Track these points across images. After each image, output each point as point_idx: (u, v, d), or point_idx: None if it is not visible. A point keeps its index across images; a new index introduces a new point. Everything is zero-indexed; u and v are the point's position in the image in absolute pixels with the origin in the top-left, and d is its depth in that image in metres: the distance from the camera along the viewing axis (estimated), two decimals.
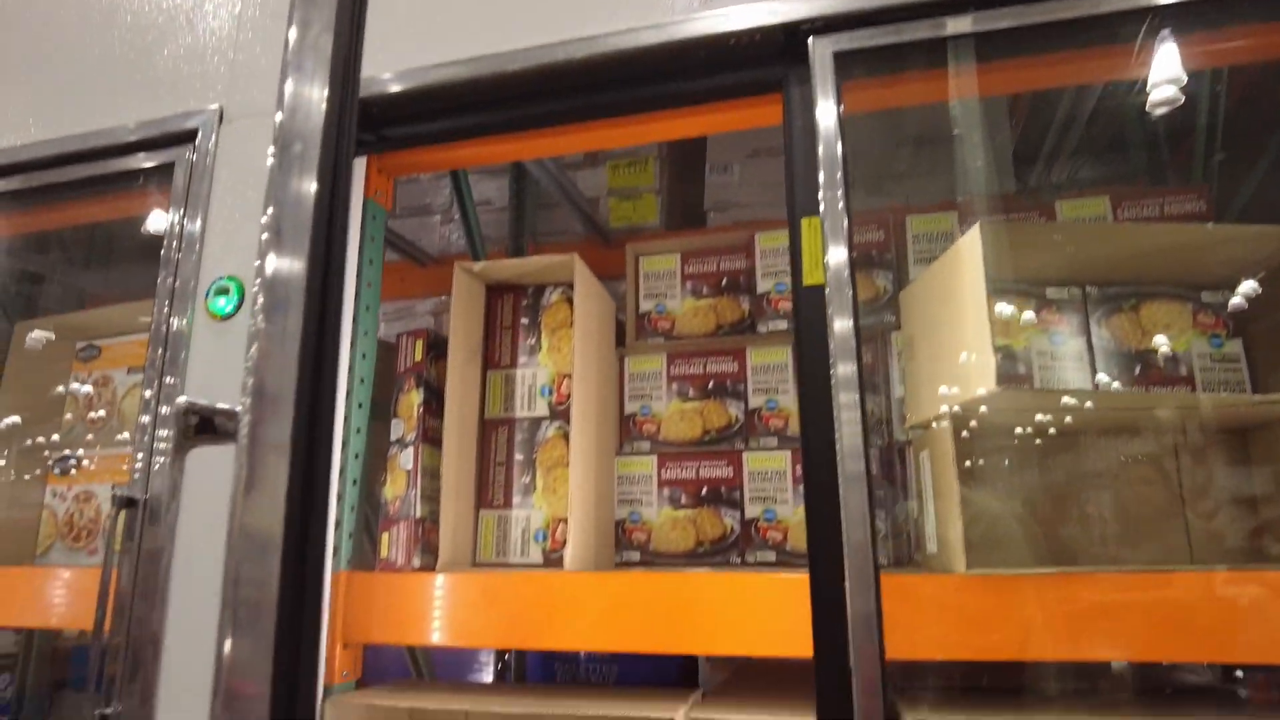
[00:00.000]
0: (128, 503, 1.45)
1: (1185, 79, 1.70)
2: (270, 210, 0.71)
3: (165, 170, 1.66)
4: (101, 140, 1.67)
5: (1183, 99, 1.90)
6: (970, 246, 1.36)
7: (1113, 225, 1.68)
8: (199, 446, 0.80)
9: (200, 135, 1.57)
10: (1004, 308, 1.55)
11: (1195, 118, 2.05)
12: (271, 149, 0.72)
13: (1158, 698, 1.69)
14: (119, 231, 2.72)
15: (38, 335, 2.34)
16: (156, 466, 1.49)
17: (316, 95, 0.73)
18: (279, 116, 0.72)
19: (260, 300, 0.70)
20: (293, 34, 0.75)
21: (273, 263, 0.71)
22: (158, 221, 1.66)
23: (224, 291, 1.45)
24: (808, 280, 1.18)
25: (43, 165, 1.76)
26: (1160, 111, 2.01)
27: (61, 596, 1.81)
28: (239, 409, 0.70)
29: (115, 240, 2.84)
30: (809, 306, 1.19)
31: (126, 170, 1.69)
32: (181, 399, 0.77)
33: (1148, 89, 1.95)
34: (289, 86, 0.74)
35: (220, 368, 1.41)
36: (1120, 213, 1.77)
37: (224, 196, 1.51)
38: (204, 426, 0.77)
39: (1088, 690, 1.69)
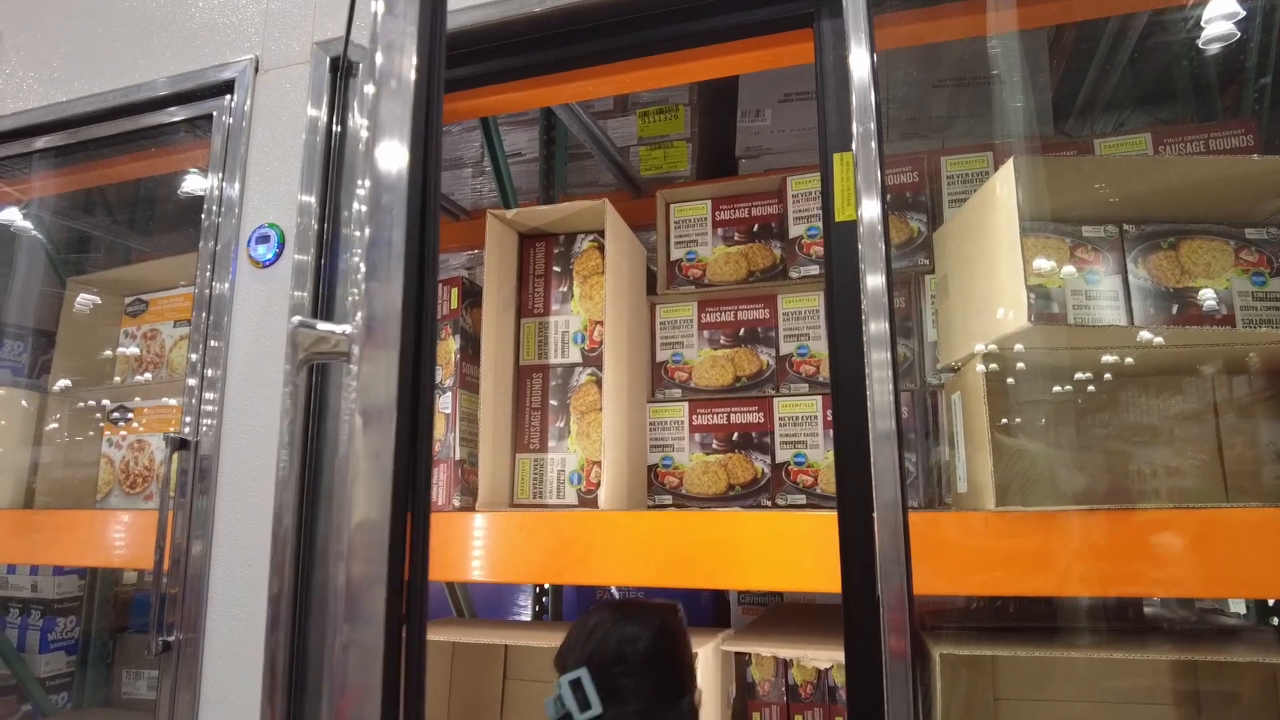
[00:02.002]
0: (180, 444, 1.52)
1: (1242, 12, 1.64)
2: (374, 139, 0.75)
3: (204, 122, 1.69)
4: (140, 94, 1.70)
5: (1238, 35, 1.83)
6: (1003, 182, 1.34)
7: (1151, 159, 1.64)
8: (314, 361, 0.85)
9: (237, 86, 1.59)
10: (1038, 245, 1.53)
11: (1245, 52, 1.97)
12: (369, 84, 0.76)
13: (1189, 635, 1.69)
14: (161, 187, 2.78)
15: (86, 299, 2.41)
16: (205, 427, 1.54)
17: (409, 31, 0.77)
18: (378, 57, 0.76)
19: (365, 217, 0.74)
20: None
21: (378, 188, 0.75)
22: (197, 176, 1.70)
23: (265, 239, 1.48)
24: (839, 216, 1.18)
25: (84, 120, 1.80)
26: (1213, 49, 1.95)
27: (121, 538, 1.90)
28: (349, 330, 0.75)
29: (158, 196, 2.91)
30: (841, 243, 1.19)
31: (165, 124, 1.72)
32: (295, 319, 0.82)
33: (1202, 23, 1.88)
34: (382, 25, 0.77)
35: (265, 314, 1.45)
36: (1162, 150, 1.73)
37: (262, 145, 1.54)
38: (318, 343, 0.81)
39: (1117, 629, 1.70)
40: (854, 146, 1.18)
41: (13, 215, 2.90)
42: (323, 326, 0.80)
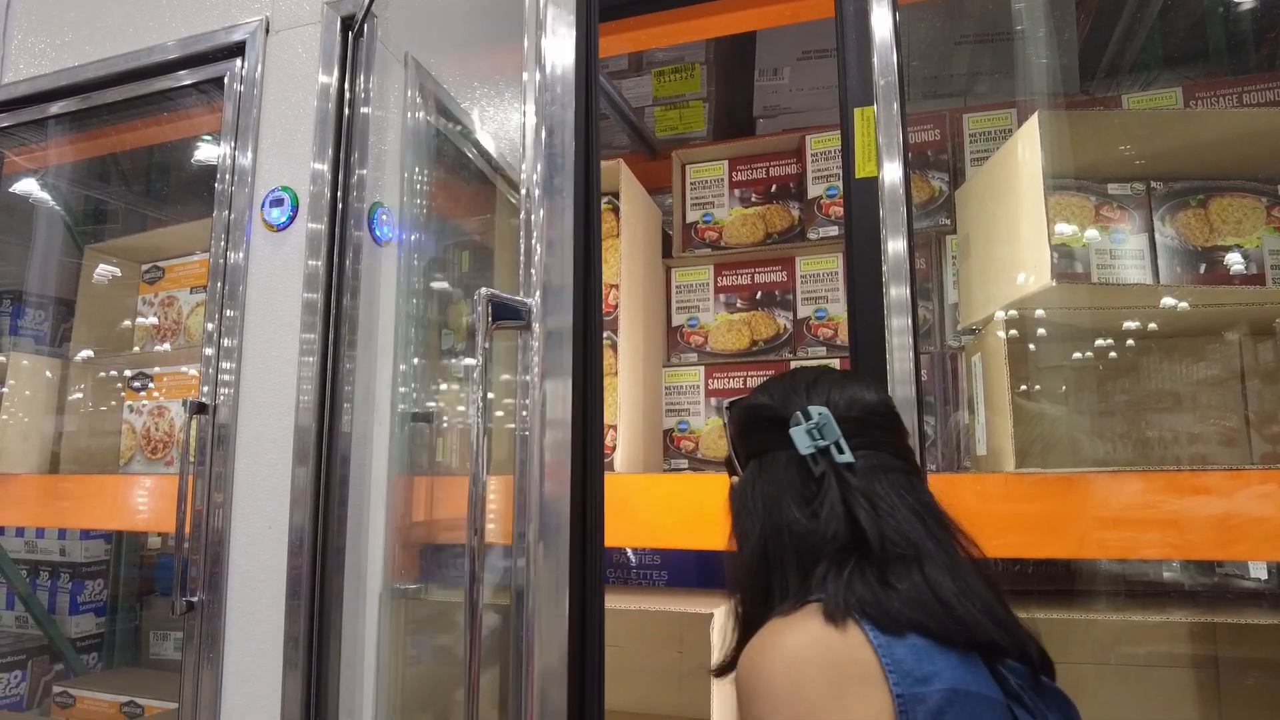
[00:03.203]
0: (199, 408, 1.53)
1: None
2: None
3: (215, 87, 1.68)
4: (151, 58, 1.69)
5: None
6: (1028, 138, 1.31)
7: (1181, 111, 1.60)
8: (499, 330, 0.93)
9: (248, 49, 1.57)
10: (1062, 204, 1.50)
11: None
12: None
13: (1209, 599, 1.68)
14: (175, 154, 2.78)
15: (105, 269, 2.42)
16: (222, 396, 1.54)
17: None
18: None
19: (538, 177, 0.82)
20: None
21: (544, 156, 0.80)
22: (210, 143, 1.68)
23: (279, 203, 1.48)
24: (860, 173, 1.15)
25: (96, 85, 1.79)
26: (1248, 1, 1.88)
27: (144, 502, 1.93)
28: (531, 301, 0.83)
29: (171, 163, 2.91)
30: (861, 200, 1.16)
31: (177, 88, 1.71)
32: (484, 290, 0.90)
33: None
34: None
35: (280, 278, 1.45)
36: (1194, 106, 1.68)
37: (274, 109, 1.53)
38: (502, 313, 0.88)
39: (1136, 593, 1.70)
40: (875, 100, 1.15)
41: (30, 184, 2.91)
42: (510, 297, 0.88)
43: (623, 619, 1.92)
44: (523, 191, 0.92)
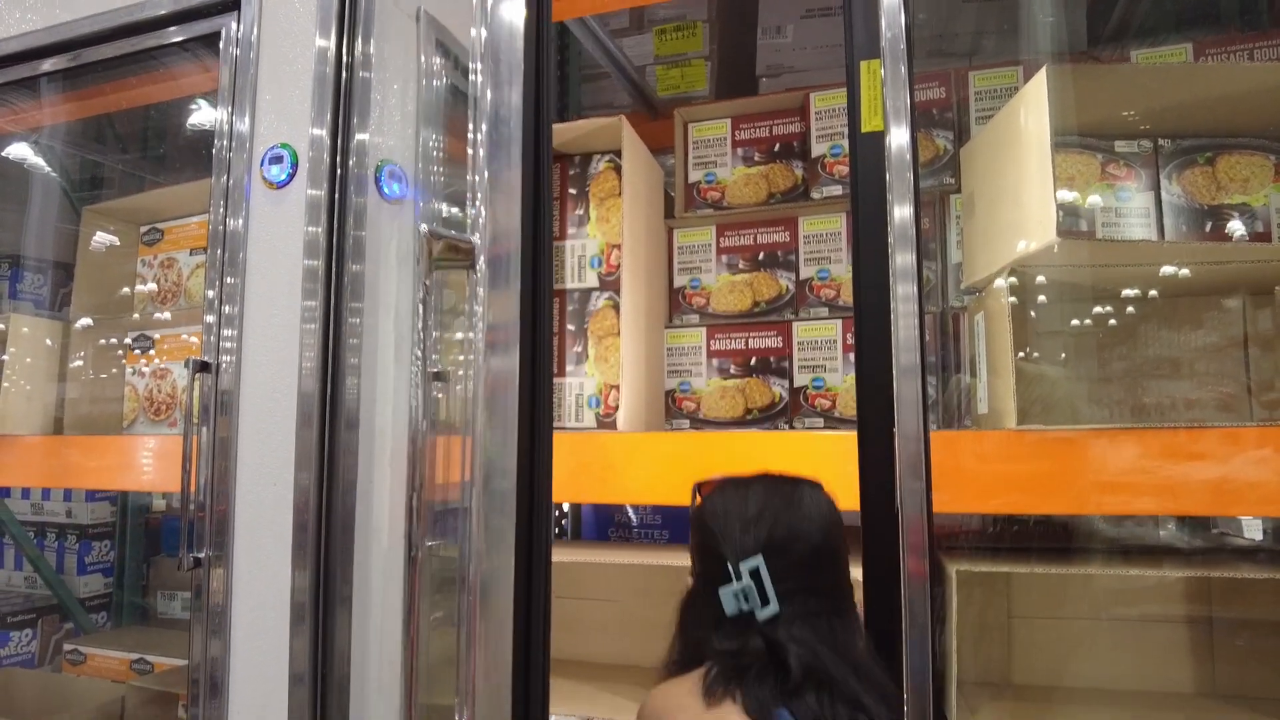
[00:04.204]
0: (202, 366, 1.53)
1: None
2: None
3: (212, 44, 1.65)
4: (145, 12, 1.66)
5: None
6: (1035, 92, 1.29)
7: (1190, 66, 1.57)
8: (440, 270, 0.93)
9: (244, 1, 1.54)
10: (1068, 161, 1.49)
11: None
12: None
13: (1201, 554, 1.70)
14: (172, 115, 2.75)
15: (103, 236, 2.40)
16: (224, 357, 1.54)
17: None
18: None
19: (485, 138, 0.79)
20: None
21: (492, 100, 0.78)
22: (207, 106, 1.66)
23: (278, 160, 1.46)
24: (866, 127, 1.14)
25: (90, 41, 1.76)
26: None
27: (149, 462, 1.94)
28: (475, 239, 0.81)
29: (168, 126, 2.88)
30: (867, 155, 1.15)
31: (173, 43, 1.68)
32: (424, 227, 0.90)
33: None
34: None
35: (279, 234, 1.44)
36: (1203, 62, 1.66)
37: (272, 62, 1.50)
38: (445, 251, 0.86)
39: (1132, 551, 1.71)
40: (882, 52, 1.13)
41: (25, 148, 2.89)
42: (453, 234, 0.85)
43: (624, 574, 1.95)
44: (470, 109, 0.90)
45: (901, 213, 1.15)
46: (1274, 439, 1.20)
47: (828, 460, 1.38)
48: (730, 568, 1.00)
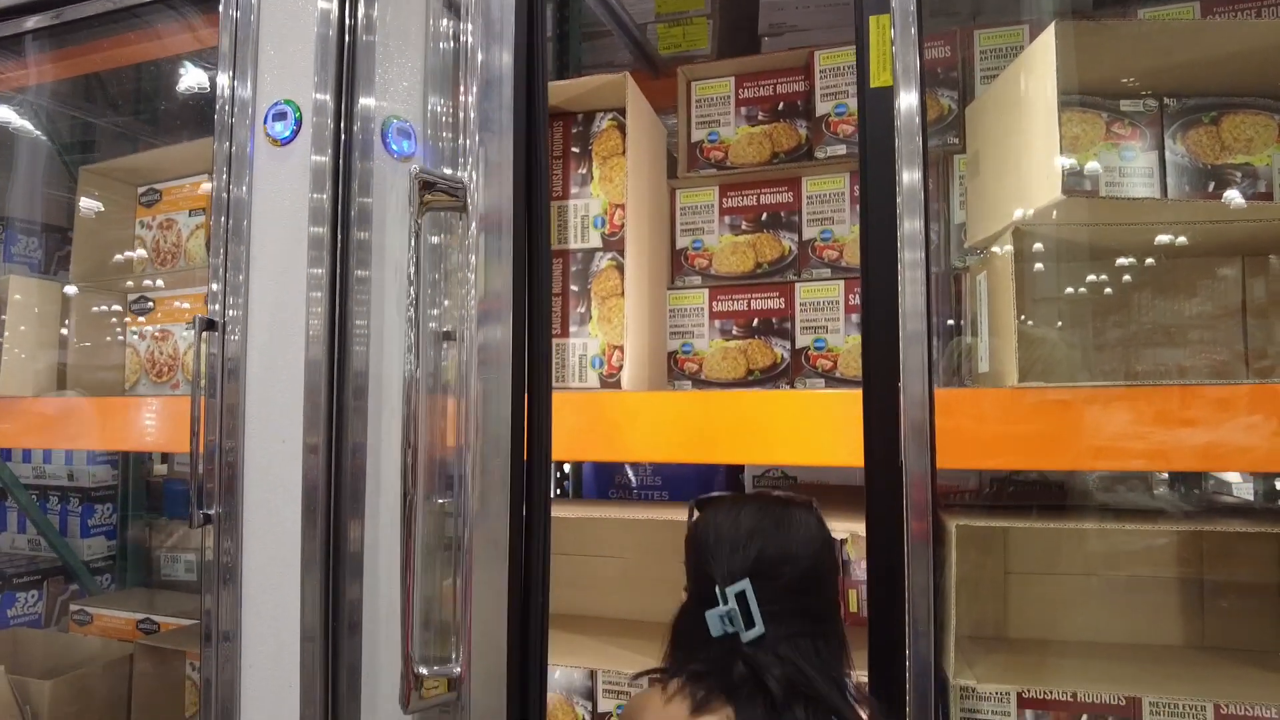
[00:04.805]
0: (208, 324, 1.53)
1: None
2: None
3: (209, 4, 1.62)
4: None
5: None
6: (1042, 49, 1.29)
7: (1196, 22, 1.57)
8: (431, 211, 0.92)
9: None
10: (1073, 120, 1.49)
11: None
12: None
13: (1193, 512, 1.73)
14: (162, 72, 2.71)
15: (99, 199, 2.37)
16: (231, 323, 1.54)
17: None
18: None
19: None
20: None
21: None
22: (194, 56, 1.64)
23: (282, 116, 1.45)
24: (875, 82, 1.14)
25: None
26: None
27: (153, 422, 1.95)
28: (466, 178, 0.79)
29: (160, 83, 2.83)
30: (876, 111, 1.15)
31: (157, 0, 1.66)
32: (414, 167, 0.88)
33: None
34: None
35: (284, 191, 1.43)
36: (1211, 19, 1.65)
37: (273, 24, 1.48)
38: (434, 190, 0.85)
39: (1126, 510, 1.74)
40: (892, 8, 1.13)
41: (11, 109, 2.85)
42: (442, 175, 0.84)
43: (627, 531, 1.98)
44: (460, 69, 0.88)
45: (910, 177, 1.15)
46: (1267, 395, 1.22)
47: (829, 418, 1.39)
48: (718, 592, 1.04)
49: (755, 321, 1.88)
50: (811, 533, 1.08)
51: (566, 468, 2.49)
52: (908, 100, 1.14)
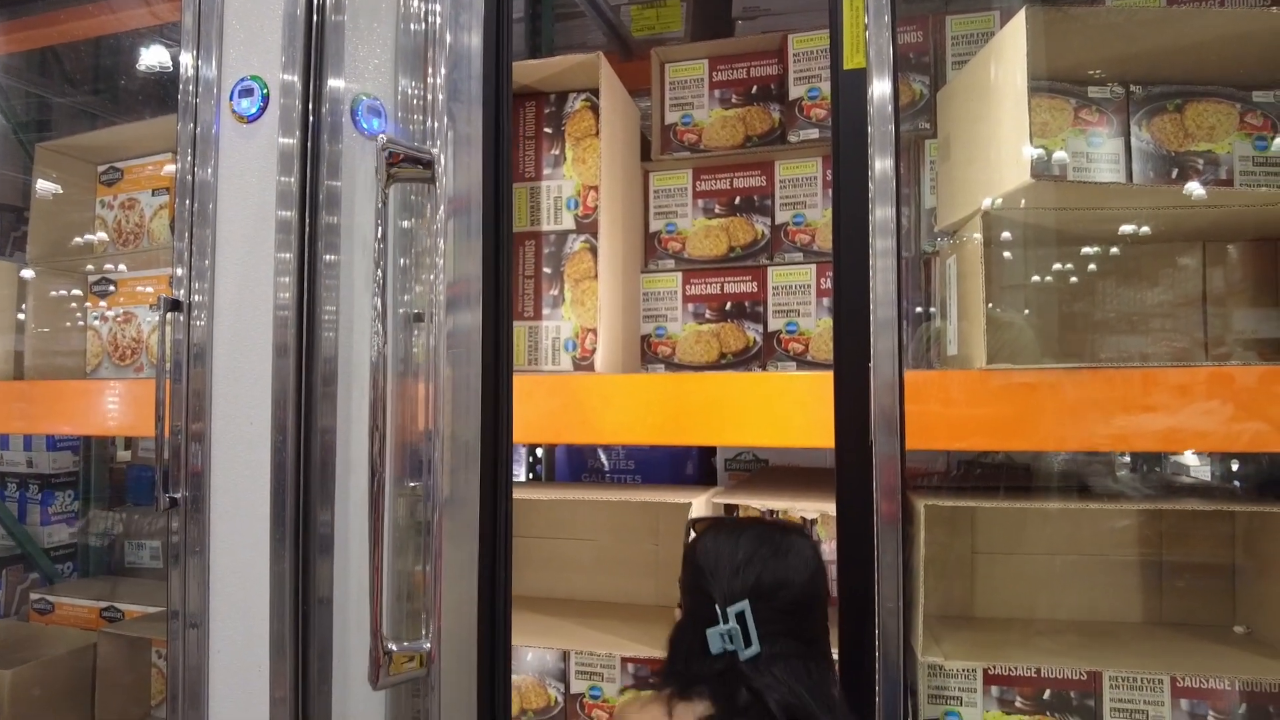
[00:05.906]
0: (173, 305, 1.50)
1: None
2: None
3: None
4: None
5: None
6: (1013, 34, 1.30)
7: (1165, 10, 1.59)
8: (398, 183, 0.90)
9: None
10: (1042, 106, 1.50)
11: None
12: None
13: (1153, 493, 1.78)
14: (121, 48, 2.64)
15: (45, 186, 2.30)
16: (196, 305, 1.51)
17: None
18: None
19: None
20: None
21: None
22: (152, 32, 1.59)
23: (248, 92, 1.42)
24: (848, 64, 1.14)
25: None
26: None
27: (115, 406, 1.91)
28: (434, 150, 0.78)
29: (119, 59, 2.76)
30: (849, 94, 1.15)
31: None
32: (381, 136, 0.87)
33: None
34: None
35: (251, 169, 1.40)
36: (1176, 8, 1.68)
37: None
38: (402, 163, 0.84)
39: (1088, 492, 1.78)
40: None
41: None
42: (411, 146, 0.83)
43: (600, 513, 1.98)
44: (428, 50, 0.87)
45: (882, 164, 1.15)
46: (1226, 378, 1.25)
47: (801, 400, 1.40)
48: (719, 610, 1.08)
49: (728, 305, 1.89)
50: (807, 559, 1.14)
51: (539, 451, 2.49)
52: (880, 84, 1.15)
